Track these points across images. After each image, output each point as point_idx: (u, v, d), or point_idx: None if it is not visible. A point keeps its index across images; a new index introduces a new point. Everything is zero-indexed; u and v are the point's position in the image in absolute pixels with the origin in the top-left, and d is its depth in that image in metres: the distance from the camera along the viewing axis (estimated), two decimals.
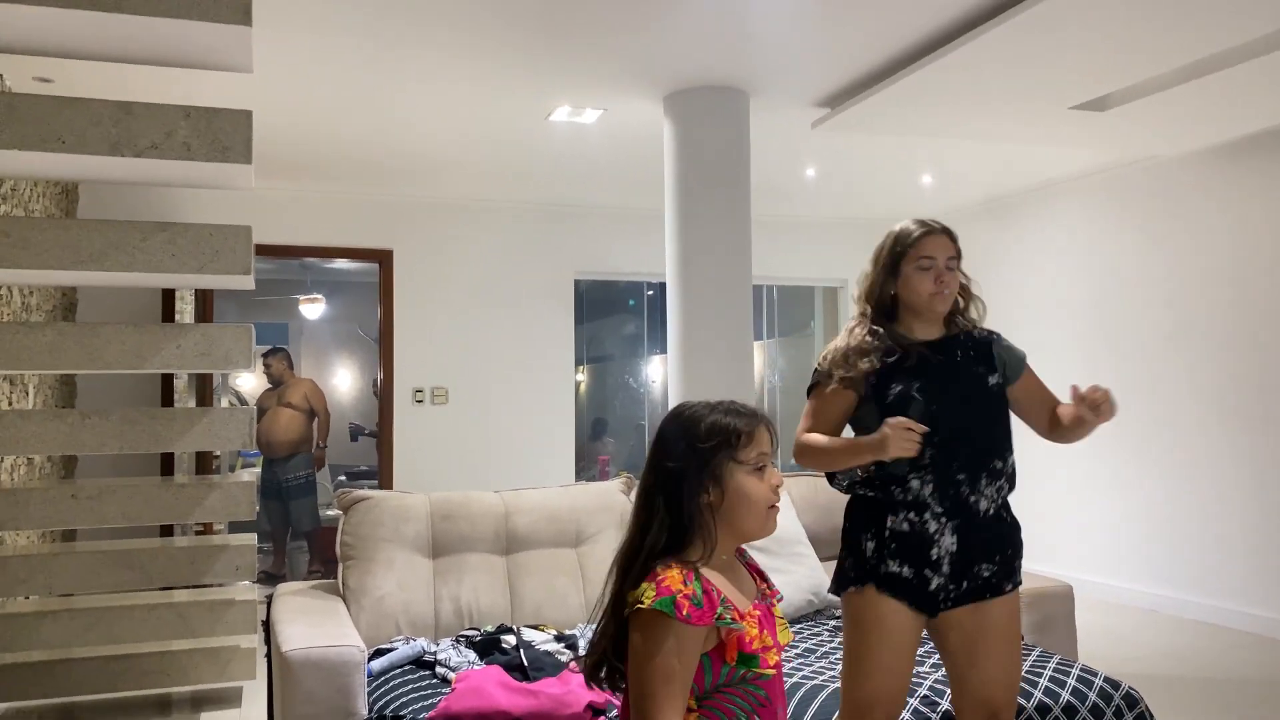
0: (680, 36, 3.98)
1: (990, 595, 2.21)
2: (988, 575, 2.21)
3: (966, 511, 2.20)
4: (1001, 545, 2.25)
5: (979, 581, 2.20)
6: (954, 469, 2.20)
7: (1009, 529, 2.28)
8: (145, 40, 2.62)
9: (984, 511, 2.21)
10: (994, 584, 2.21)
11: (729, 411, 1.57)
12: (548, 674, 2.80)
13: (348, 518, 3.27)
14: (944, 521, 2.19)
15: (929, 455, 2.17)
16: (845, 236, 7.86)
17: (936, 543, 2.19)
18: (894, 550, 2.20)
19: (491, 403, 6.92)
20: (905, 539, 2.20)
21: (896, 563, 2.19)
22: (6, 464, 4.26)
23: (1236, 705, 4.08)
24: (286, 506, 7.10)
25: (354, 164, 5.94)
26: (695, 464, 1.53)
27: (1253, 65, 4.00)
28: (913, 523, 2.20)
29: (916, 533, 2.20)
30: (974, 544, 2.20)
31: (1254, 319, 5.33)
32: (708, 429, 1.55)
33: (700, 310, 4.54)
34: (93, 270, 2.89)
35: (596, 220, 7.24)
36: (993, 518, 2.24)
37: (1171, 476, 5.76)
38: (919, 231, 2.28)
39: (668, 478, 1.54)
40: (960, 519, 2.19)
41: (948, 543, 2.18)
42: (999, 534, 2.26)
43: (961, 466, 2.20)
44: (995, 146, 5.62)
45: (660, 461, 1.55)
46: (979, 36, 3.73)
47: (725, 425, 1.55)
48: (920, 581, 2.19)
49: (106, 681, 3.80)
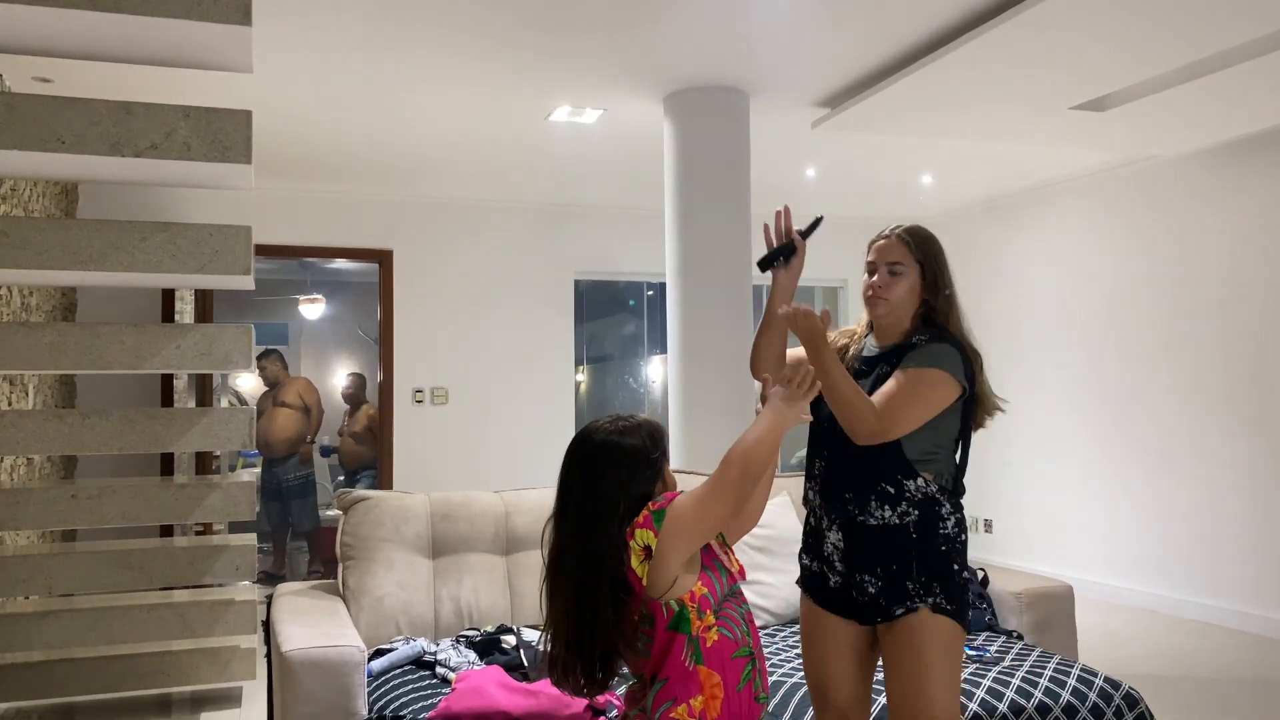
0: (680, 36, 3.98)
1: (880, 619, 2.12)
2: (873, 592, 2.12)
3: (851, 521, 2.17)
4: (887, 559, 2.12)
5: (865, 596, 2.14)
6: (840, 486, 2.19)
7: (903, 546, 2.11)
8: (145, 40, 2.62)
9: (869, 523, 2.14)
10: (882, 605, 2.12)
11: (642, 425, 1.84)
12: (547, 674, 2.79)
13: (348, 518, 3.27)
14: (832, 518, 2.21)
15: (819, 467, 2.25)
16: (845, 236, 7.85)
17: (826, 537, 2.22)
18: (805, 544, 2.32)
19: (491, 403, 6.92)
20: (810, 532, 2.30)
21: (807, 556, 2.31)
22: (6, 464, 4.26)
23: (1236, 705, 4.08)
24: (286, 506, 7.13)
25: (354, 164, 5.94)
26: (650, 473, 1.78)
27: (1252, 65, 4.01)
28: (815, 518, 2.29)
29: (815, 528, 2.28)
30: (856, 548, 2.15)
31: (1253, 318, 5.34)
32: (657, 439, 1.81)
33: (700, 310, 4.54)
34: (93, 270, 2.89)
35: (596, 220, 7.24)
36: (884, 529, 2.13)
37: (1171, 476, 5.77)
38: (880, 234, 2.30)
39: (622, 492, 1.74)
40: (844, 521, 2.18)
41: (834, 538, 2.20)
42: (889, 547, 2.12)
43: (847, 485, 2.18)
44: (995, 146, 5.62)
45: (607, 481, 1.74)
46: (979, 36, 3.73)
47: (658, 433, 1.83)
48: (821, 577, 2.24)
49: (106, 681, 3.80)
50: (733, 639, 1.71)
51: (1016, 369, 6.78)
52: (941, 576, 2.11)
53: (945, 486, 2.16)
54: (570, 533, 1.73)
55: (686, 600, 1.66)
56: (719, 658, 1.68)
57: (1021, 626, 3.25)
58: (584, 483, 1.75)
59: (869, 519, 2.14)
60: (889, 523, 2.12)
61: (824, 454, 2.24)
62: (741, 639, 1.73)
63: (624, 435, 1.77)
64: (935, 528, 2.13)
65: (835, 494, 2.20)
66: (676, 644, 1.64)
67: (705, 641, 1.66)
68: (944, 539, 2.13)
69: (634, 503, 1.72)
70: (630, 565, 1.66)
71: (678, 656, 1.64)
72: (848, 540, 2.17)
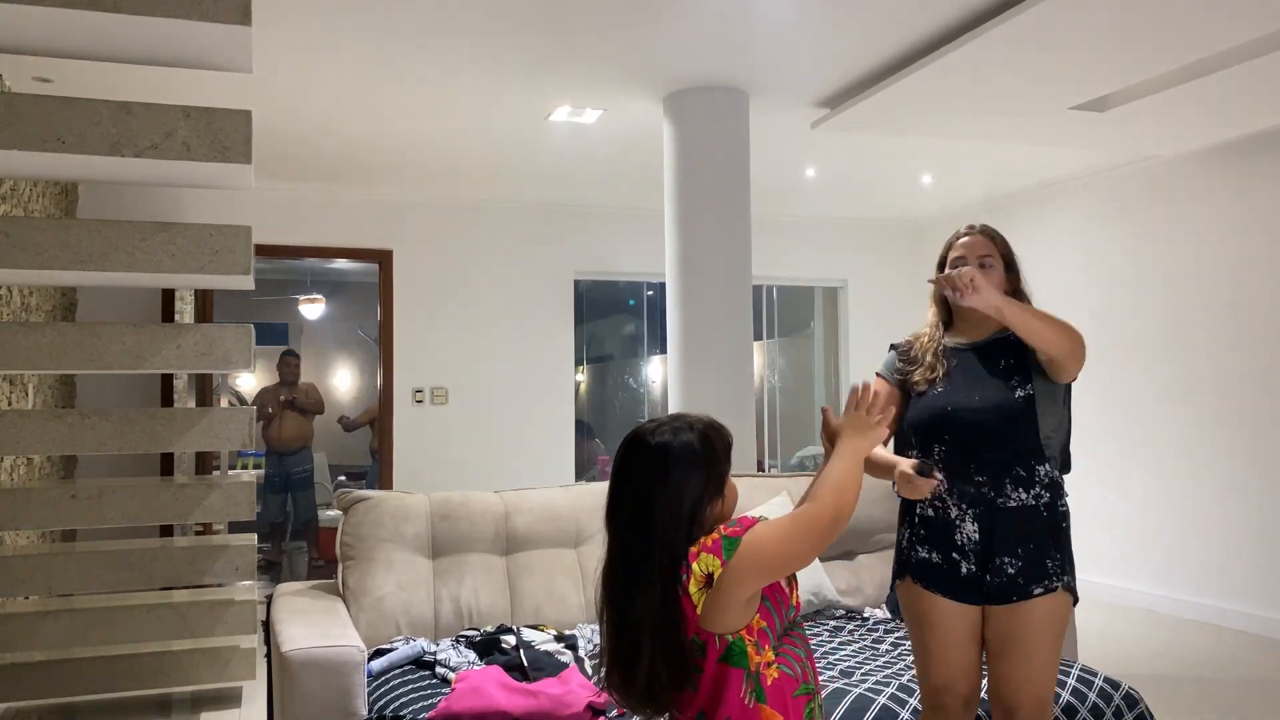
0: (680, 36, 3.98)
1: (1017, 597, 2.17)
2: (1012, 573, 2.17)
3: (988, 504, 2.21)
4: (1026, 540, 2.19)
5: (1003, 578, 2.18)
6: (970, 470, 2.22)
7: (1041, 525, 2.20)
8: (145, 40, 2.62)
9: (1009, 505, 2.21)
10: (1021, 585, 2.17)
11: (710, 426, 1.65)
12: (547, 674, 2.80)
13: (348, 518, 3.27)
14: (964, 509, 2.22)
15: (939, 452, 2.26)
16: (845, 236, 7.87)
17: (959, 528, 2.23)
18: (923, 536, 2.29)
19: (491, 403, 6.92)
20: (931, 524, 2.28)
21: (925, 548, 2.28)
22: (6, 464, 4.26)
23: (1236, 705, 4.08)
24: (289, 498, 7.43)
25: (354, 164, 5.94)
26: (714, 479, 1.59)
27: (1252, 65, 4.01)
28: (937, 509, 2.27)
29: (941, 520, 2.26)
30: (995, 534, 2.20)
31: (1253, 318, 5.33)
32: (722, 443, 1.62)
33: (700, 310, 4.54)
34: (93, 270, 2.89)
35: (596, 220, 7.24)
36: (1020, 510, 2.21)
37: (1171, 476, 5.77)
38: (958, 233, 2.40)
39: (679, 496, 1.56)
40: (981, 508, 2.21)
41: (969, 529, 2.21)
42: (1027, 528, 2.20)
43: (980, 469, 2.22)
44: (995, 146, 5.62)
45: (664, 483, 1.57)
46: (979, 36, 3.73)
47: (725, 436, 1.63)
48: (950, 565, 2.23)
49: (106, 681, 3.80)
50: (794, 676, 1.58)
51: None
52: (1070, 556, 2.24)
53: (1057, 467, 2.27)
54: (618, 542, 1.59)
55: (744, 633, 1.52)
56: (780, 697, 1.54)
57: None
58: (634, 487, 1.59)
59: (1008, 501, 2.20)
60: (1026, 504, 2.20)
61: (944, 440, 2.26)
62: (802, 675, 1.60)
63: (677, 435, 1.60)
64: (1058, 507, 2.25)
65: (964, 479, 2.22)
66: (733, 679, 1.51)
67: (766, 679, 1.53)
68: (1064, 516, 2.26)
69: (689, 515, 1.54)
70: (687, 590, 1.50)
71: (736, 693, 1.51)
72: (985, 524, 2.21)
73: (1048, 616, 2.17)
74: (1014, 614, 2.18)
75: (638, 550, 1.54)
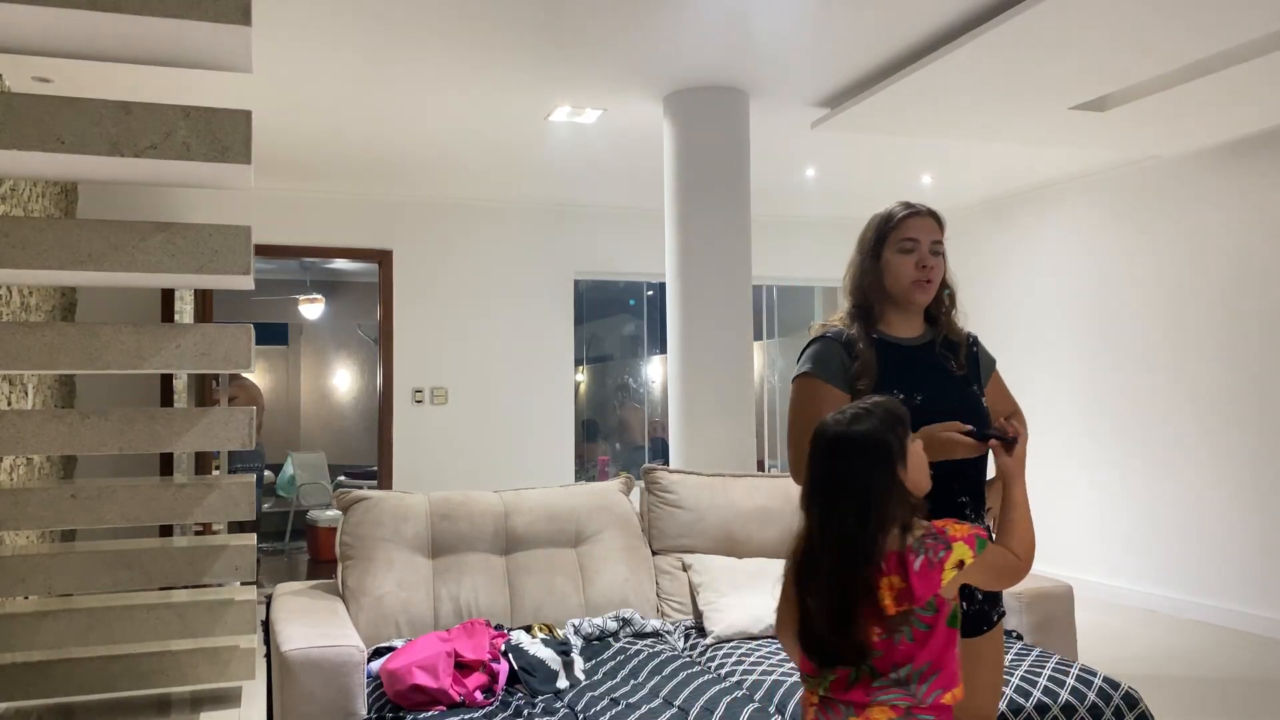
0: (680, 36, 3.98)
1: (986, 627, 2.08)
2: (980, 598, 2.07)
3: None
4: None
5: (975, 606, 2.07)
6: (955, 491, 2.00)
7: None
8: (145, 40, 2.62)
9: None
10: (985, 613, 2.09)
11: (875, 410, 1.76)
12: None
13: (347, 518, 3.27)
14: None
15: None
16: (845, 236, 7.79)
17: None
18: None
19: (491, 403, 6.92)
20: None
21: None
22: (6, 464, 4.26)
23: (1236, 705, 4.08)
24: None
25: (354, 164, 5.94)
26: (889, 460, 1.71)
27: (1253, 65, 4.01)
28: None
29: None
30: None
31: (1253, 319, 5.33)
32: (891, 422, 1.73)
33: (700, 310, 4.54)
34: (92, 270, 2.89)
35: (596, 220, 7.24)
36: None
37: (1171, 477, 5.76)
38: (903, 212, 2.09)
39: (880, 476, 1.69)
40: None
41: None
42: None
43: (963, 489, 2.02)
44: (995, 146, 5.62)
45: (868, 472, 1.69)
46: (979, 36, 3.73)
47: (895, 415, 1.74)
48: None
49: (106, 681, 3.80)
50: None
51: (1016, 369, 6.77)
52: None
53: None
54: (817, 527, 1.70)
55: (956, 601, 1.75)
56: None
57: (1021, 626, 3.24)
58: (826, 475, 1.71)
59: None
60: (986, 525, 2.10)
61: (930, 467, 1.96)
62: None
63: (854, 423, 1.70)
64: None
65: (949, 506, 1.98)
66: (953, 639, 1.70)
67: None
68: None
69: (881, 496, 1.66)
70: (944, 572, 1.67)
71: (953, 650, 1.70)
72: None
73: (1001, 639, 2.14)
74: (979, 644, 2.05)
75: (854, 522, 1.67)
